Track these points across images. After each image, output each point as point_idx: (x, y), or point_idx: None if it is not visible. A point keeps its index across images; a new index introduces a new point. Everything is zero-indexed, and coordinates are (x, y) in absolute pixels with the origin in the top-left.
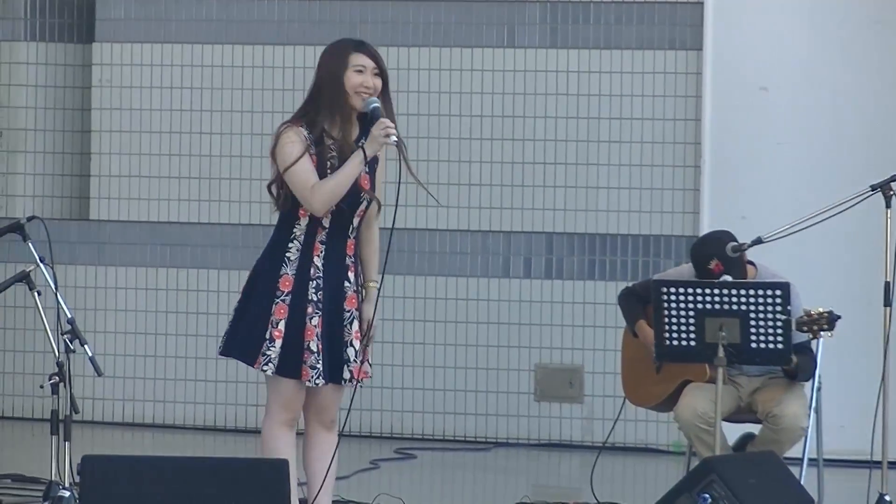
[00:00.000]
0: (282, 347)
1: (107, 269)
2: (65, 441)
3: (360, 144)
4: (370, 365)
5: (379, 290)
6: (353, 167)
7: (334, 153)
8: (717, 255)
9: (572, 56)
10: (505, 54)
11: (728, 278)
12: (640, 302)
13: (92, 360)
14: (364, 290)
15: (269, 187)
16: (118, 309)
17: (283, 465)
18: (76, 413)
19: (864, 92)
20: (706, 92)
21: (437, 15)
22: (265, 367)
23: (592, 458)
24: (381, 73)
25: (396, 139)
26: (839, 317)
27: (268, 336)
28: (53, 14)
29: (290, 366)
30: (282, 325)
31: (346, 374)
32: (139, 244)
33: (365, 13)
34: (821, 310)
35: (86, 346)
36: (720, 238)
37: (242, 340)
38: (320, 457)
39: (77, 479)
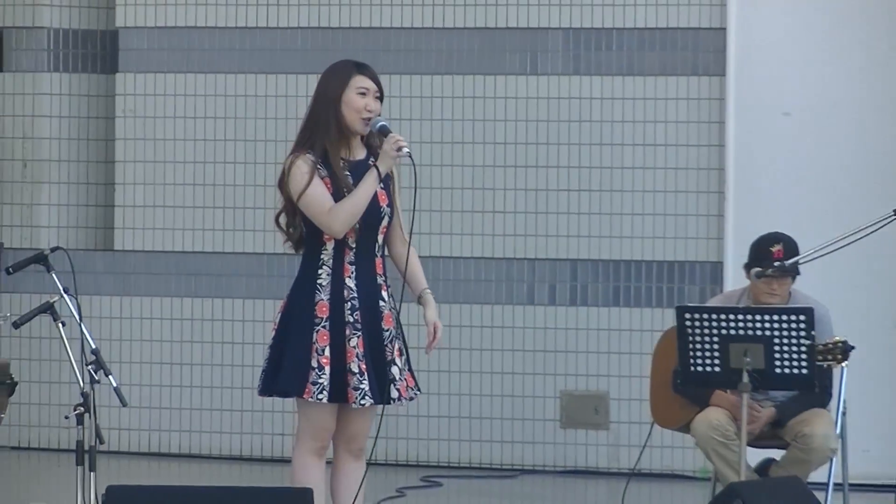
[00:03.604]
0: (330, 373)
1: (131, 300)
2: (90, 471)
3: (371, 163)
4: (416, 381)
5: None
6: (368, 185)
7: (348, 172)
8: (783, 241)
9: (595, 83)
10: (528, 81)
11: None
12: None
13: (117, 390)
14: (420, 300)
15: (276, 219)
16: (143, 339)
17: (307, 493)
18: (101, 443)
19: (887, 116)
20: (729, 118)
21: (459, 42)
22: (320, 396)
23: (618, 485)
24: (382, 96)
25: (409, 150)
26: (853, 347)
27: (315, 364)
28: (77, 45)
29: (336, 391)
30: (327, 352)
31: (395, 394)
32: (163, 274)
33: (388, 41)
34: (837, 339)
35: (110, 377)
36: (788, 236)
37: (288, 374)
38: (348, 485)
39: None
